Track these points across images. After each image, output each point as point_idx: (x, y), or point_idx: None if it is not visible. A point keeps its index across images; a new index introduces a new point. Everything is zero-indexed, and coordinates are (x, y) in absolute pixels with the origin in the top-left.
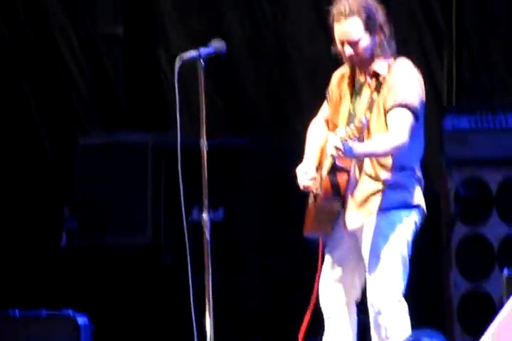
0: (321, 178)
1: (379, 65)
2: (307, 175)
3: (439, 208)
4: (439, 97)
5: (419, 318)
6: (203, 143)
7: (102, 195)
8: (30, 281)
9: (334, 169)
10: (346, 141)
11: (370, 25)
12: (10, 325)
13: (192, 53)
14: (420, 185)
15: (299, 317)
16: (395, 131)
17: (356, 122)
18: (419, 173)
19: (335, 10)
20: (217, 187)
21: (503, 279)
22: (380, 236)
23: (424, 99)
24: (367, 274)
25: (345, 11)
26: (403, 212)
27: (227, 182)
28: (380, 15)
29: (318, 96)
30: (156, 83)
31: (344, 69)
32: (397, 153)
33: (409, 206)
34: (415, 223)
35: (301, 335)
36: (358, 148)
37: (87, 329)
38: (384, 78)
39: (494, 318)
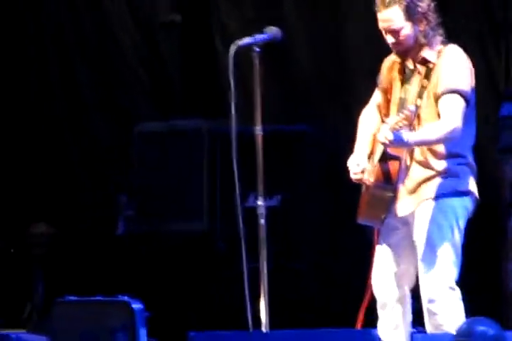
0: (373, 166)
1: (428, 52)
2: (358, 167)
3: (495, 196)
4: (496, 84)
5: (475, 307)
6: (258, 129)
7: (158, 182)
8: (87, 269)
9: (385, 157)
10: (396, 129)
11: (411, 14)
12: (67, 310)
13: (247, 40)
14: (473, 173)
15: (353, 307)
16: (448, 117)
17: (405, 110)
18: (471, 160)
19: (377, 0)
20: (275, 174)
21: None
22: (433, 223)
23: (474, 85)
24: (419, 261)
25: (385, 0)
26: (455, 200)
27: (284, 169)
28: (424, 4)
29: (375, 83)
30: (213, 70)
31: (394, 57)
32: (449, 140)
33: (461, 193)
34: (467, 210)
35: (359, 321)
36: (409, 137)
37: (142, 315)
38: (434, 65)
39: None
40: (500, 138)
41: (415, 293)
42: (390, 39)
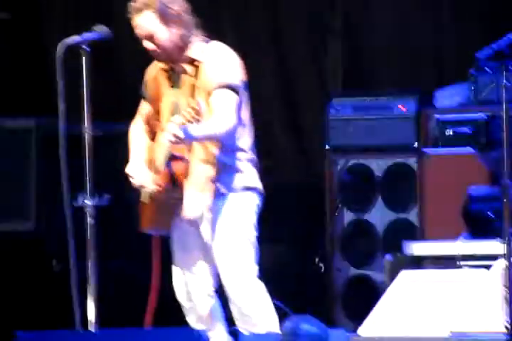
0: (156, 171)
1: (192, 52)
2: (139, 171)
3: (323, 195)
4: (324, 85)
5: (302, 304)
6: (86, 128)
7: None
8: None
9: (170, 159)
10: (184, 125)
11: (165, 18)
12: None
13: (75, 38)
14: (255, 167)
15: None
16: (222, 113)
17: (192, 105)
18: (252, 154)
19: (129, 7)
20: (105, 173)
21: (385, 265)
22: (222, 220)
23: (244, 78)
24: (216, 261)
25: (136, 6)
26: (244, 195)
27: (114, 168)
28: (176, 6)
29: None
30: (43, 68)
31: (156, 64)
32: (227, 135)
33: (248, 188)
34: (257, 205)
35: (147, 322)
36: (196, 131)
37: None
38: (200, 63)
39: (376, 304)
40: (329, 138)
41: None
42: (148, 45)
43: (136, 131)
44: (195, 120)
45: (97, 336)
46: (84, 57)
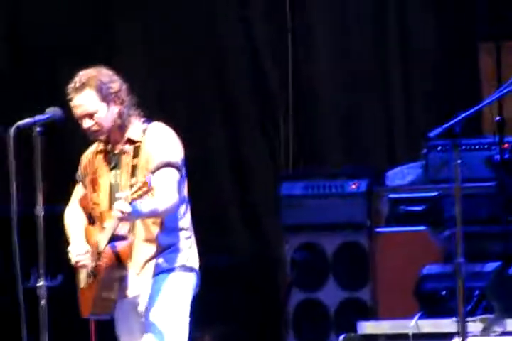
0: (99, 253)
1: (132, 132)
2: (82, 249)
3: (276, 273)
4: (276, 164)
5: None
6: (39, 209)
7: None
8: None
9: (114, 239)
10: (135, 199)
11: (104, 96)
12: None
13: (27, 120)
14: (194, 246)
15: None
16: (165, 191)
17: (142, 179)
18: (191, 232)
19: (69, 88)
20: (58, 253)
21: None
22: (157, 300)
23: (183, 157)
24: (145, 336)
25: (75, 86)
26: (179, 274)
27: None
28: (115, 85)
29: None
30: None
31: (94, 148)
32: (169, 213)
33: (187, 269)
34: (193, 286)
35: None
36: (142, 207)
37: None
38: (140, 143)
39: None
40: (280, 217)
41: None
42: (87, 124)
43: (73, 214)
44: (145, 193)
45: None
46: (36, 139)
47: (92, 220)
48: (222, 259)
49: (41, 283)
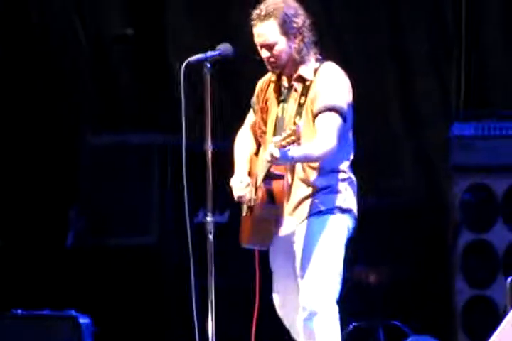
0: (256, 187)
1: (304, 70)
2: (242, 183)
3: (444, 214)
4: (447, 104)
5: (423, 324)
6: (209, 144)
7: (108, 195)
8: (35, 281)
9: (269, 177)
10: (283, 146)
11: (286, 29)
12: (12, 324)
13: (198, 56)
14: (353, 188)
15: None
16: (324, 135)
17: (291, 126)
18: (350, 175)
19: (253, 14)
20: (226, 190)
21: (507, 286)
22: (312, 240)
23: (351, 100)
24: (299, 278)
25: (261, 14)
26: (335, 216)
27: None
28: (299, 20)
29: None
30: (166, 84)
31: (269, 77)
32: (326, 158)
33: (342, 210)
34: (348, 228)
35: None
36: (293, 153)
37: (89, 330)
38: (311, 82)
39: (498, 325)
40: (450, 158)
41: None
42: (264, 53)
43: (242, 140)
44: (292, 143)
45: None
46: (207, 75)
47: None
48: (389, 200)
49: (209, 218)
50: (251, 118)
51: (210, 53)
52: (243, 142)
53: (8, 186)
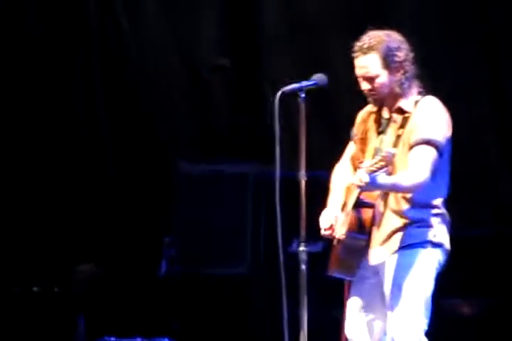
0: (346, 215)
1: (404, 102)
2: (327, 223)
3: None
4: None
5: None
6: (302, 174)
7: (202, 224)
8: (128, 308)
9: (359, 204)
10: (373, 171)
11: (388, 63)
12: None
13: (293, 86)
14: (445, 223)
15: None
16: (417, 167)
17: (383, 152)
18: (443, 211)
19: (355, 46)
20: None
21: None
22: (402, 273)
23: (449, 135)
24: (388, 311)
25: (363, 46)
26: (427, 250)
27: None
28: (402, 53)
29: None
30: (261, 115)
31: (369, 108)
32: (419, 190)
33: (434, 244)
34: (439, 262)
35: None
36: (382, 180)
37: None
38: (410, 114)
39: None
40: None
41: None
42: (365, 86)
43: (340, 171)
44: (381, 168)
45: None
46: (301, 104)
47: None
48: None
49: (302, 248)
50: (351, 149)
51: (305, 83)
52: (341, 173)
53: (107, 214)
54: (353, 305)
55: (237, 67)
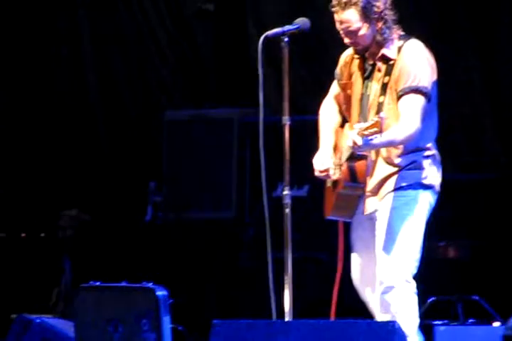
0: (340, 164)
1: (387, 49)
2: (323, 165)
3: None
4: None
5: (503, 299)
6: (286, 118)
7: (188, 169)
8: (115, 255)
9: (352, 156)
10: (365, 135)
11: (368, 15)
12: (91, 295)
13: (276, 30)
14: (436, 164)
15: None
16: (407, 119)
17: (375, 117)
18: (434, 152)
19: (334, 1)
20: (305, 164)
21: None
22: (393, 215)
23: (435, 79)
24: (377, 251)
25: (341, 1)
26: (418, 192)
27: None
28: (380, 3)
29: None
30: (246, 58)
31: (352, 51)
32: (411, 141)
33: (424, 186)
34: (429, 203)
35: (332, 311)
36: (376, 141)
37: (166, 302)
38: (394, 61)
39: None
40: None
41: None
42: (347, 40)
43: (327, 113)
44: (374, 134)
45: (292, 325)
46: (284, 49)
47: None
48: (476, 175)
49: (286, 191)
50: (335, 89)
51: (287, 27)
52: (328, 114)
53: (94, 161)
54: (354, 248)
55: (221, 10)
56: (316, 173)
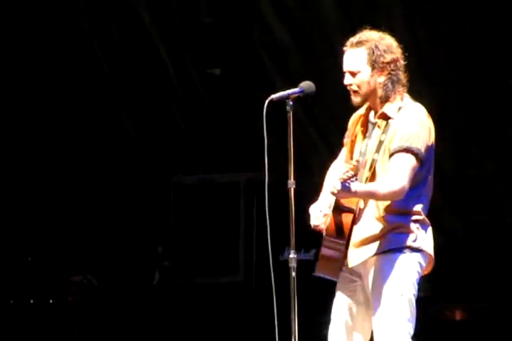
0: (327, 217)
1: (389, 107)
2: (321, 212)
3: None
4: None
5: None
6: (291, 182)
7: (195, 233)
8: (121, 319)
9: (339, 209)
10: (344, 179)
11: (373, 61)
12: None
13: (281, 94)
14: (425, 229)
15: None
16: (394, 175)
17: (351, 161)
18: (424, 217)
19: (348, 41)
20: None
21: None
22: (383, 277)
23: (432, 144)
24: (373, 317)
25: (353, 41)
26: (404, 255)
27: None
28: (390, 56)
29: None
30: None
31: (361, 111)
32: (394, 198)
33: (410, 249)
34: (421, 266)
35: None
36: (356, 187)
37: None
38: (392, 120)
39: None
40: None
41: None
42: (346, 80)
43: (332, 170)
44: (349, 178)
45: None
46: (289, 113)
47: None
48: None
49: (292, 255)
50: (343, 153)
51: (291, 90)
52: (332, 172)
53: (102, 227)
54: (337, 307)
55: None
56: (312, 221)
